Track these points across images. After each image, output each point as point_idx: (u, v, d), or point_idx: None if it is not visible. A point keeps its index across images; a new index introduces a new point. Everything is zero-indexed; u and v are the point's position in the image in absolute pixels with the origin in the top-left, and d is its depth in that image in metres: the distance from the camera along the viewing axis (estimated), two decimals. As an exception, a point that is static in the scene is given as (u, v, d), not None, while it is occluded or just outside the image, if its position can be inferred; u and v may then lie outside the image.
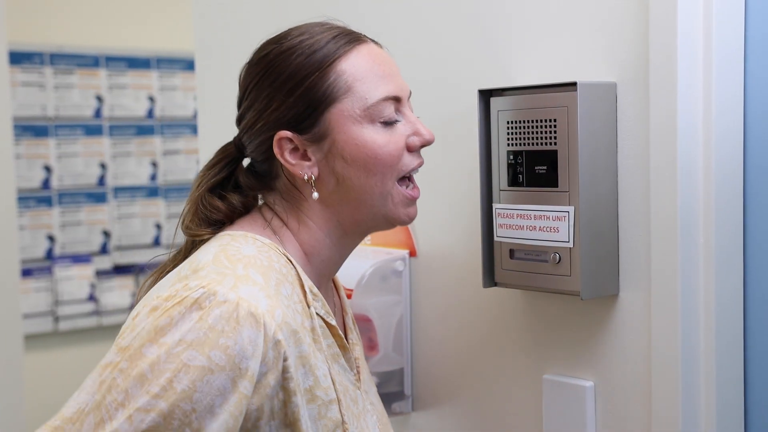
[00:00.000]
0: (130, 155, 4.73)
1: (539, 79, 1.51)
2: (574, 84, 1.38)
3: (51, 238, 4.55)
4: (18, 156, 4.40)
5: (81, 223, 4.62)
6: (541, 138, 1.43)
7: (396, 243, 1.76)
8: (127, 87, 4.72)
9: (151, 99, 4.78)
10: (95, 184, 4.65)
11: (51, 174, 4.54)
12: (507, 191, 1.49)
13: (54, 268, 4.54)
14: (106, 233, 4.67)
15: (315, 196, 1.30)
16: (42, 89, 4.52)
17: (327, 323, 1.30)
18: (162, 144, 4.82)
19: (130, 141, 4.73)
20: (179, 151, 4.87)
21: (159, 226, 4.80)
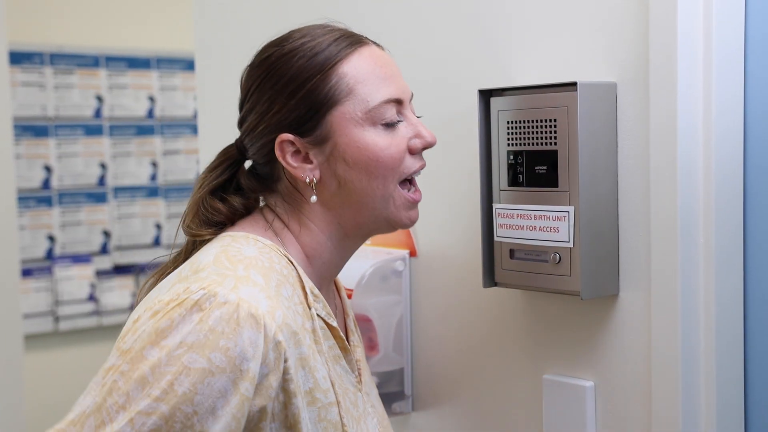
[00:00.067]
0: (130, 155, 4.73)
1: (539, 79, 1.51)
2: (574, 84, 1.38)
3: (51, 238, 4.54)
4: (18, 156, 4.40)
5: (81, 223, 4.62)
6: (541, 138, 1.43)
7: (396, 243, 1.76)
8: (127, 87, 4.71)
9: (151, 99, 4.78)
10: (95, 184, 4.65)
11: (51, 174, 4.54)
12: (507, 191, 1.49)
13: (54, 268, 4.54)
14: (106, 233, 4.67)
15: (313, 199, 1.29)
16: (42, 89, 4.52)
17: (328, 325, 1.29)
18: (162, 144, 4.82)
19: (130, 141, 4.73)
20: (179, 151, 4.86)
21: (159, 226, 4.80)
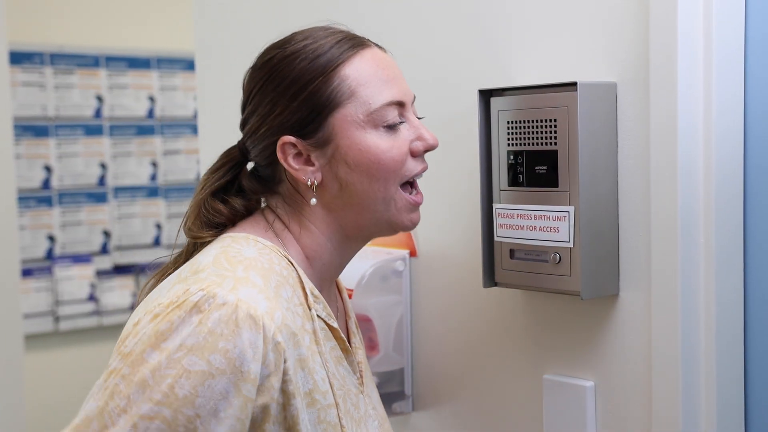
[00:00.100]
0: (130, 155, 4.73)
1: (539, 79, 1.51)
2: (574, 84, 1.38)
3: (51, 238, 4.54)
4: (18, 156, 4.40)
5: (81, 223, 4.62)
6: (542, 138, 1.43)
7: (396, 243, 1.76)
8: (128, 87, 4.71)
9: (152, 99, 4.78)
10: (95, 184, 4.65)
11: (51, 174, 4.54)
12: (507, 191, 1.49)
13: (54, 268, 4.54)
14: (106, 233, 4.67)
15: (313, 201, 1.29)
16: (42, 89, 4.52)
17: (329, 326, 1.29)
18: (162, 144, 4.82)
19: (130, 141, 4.73)
20: (179, 151, 4.86)
21: (159, 226, 4.79)
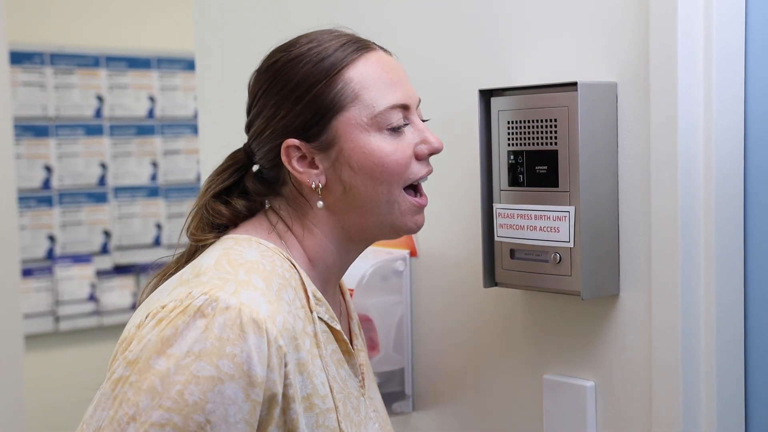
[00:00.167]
0: (130, 155, 4.73)
1: (539, 79, 1.51)
2: (574, 84, 1.38)
3: (51, 238, 4.54)
4: (18, 156, 4.40)
5: (81, 223, 4.62)
6: (542, 138, 1.43)
7: (396, 243, 1.76)
8: (128, 87, 4.71)
9: (152, 99, 4.78)
10: (96, 184, 4.65)
11: (51, 174, 4.54)
12: (507, 191, 1.49)
13: (54, 268, 4.54)
14: (106, 233, 4.67)
15: (320, 204, 1.29)
16: (42, 89, 4.51)
17: (331, 328, 1.29)
18: (162, 144, 4.82)
19: (130, 141, 4.73)
20: (180, 151, 4.86)
21: (159, 226, 4.79)
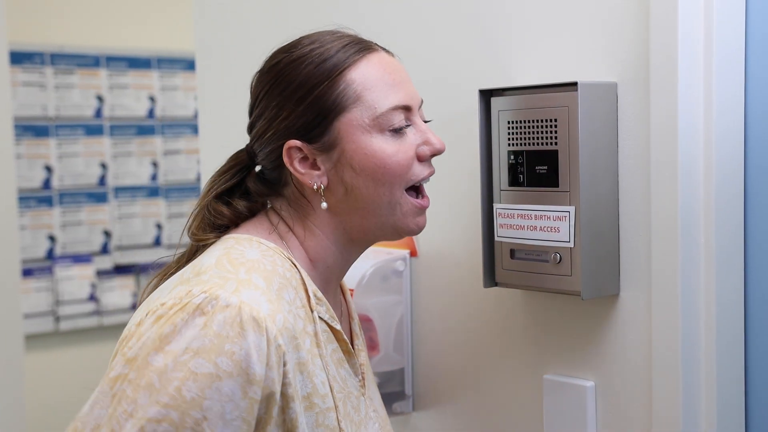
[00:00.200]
0: (130, 155, 4.73)
1: (540, 79, 1.51)
2: (574, 84, 1.38)
3: (52, 238, 4.54)
4: (19, 156, 4.40)
5: (82, 223, 4.62)
6: (542, 138, 1.43)
7: (396, 243, 1.76)
8: (128, 87, 4.71)
9: (152, 99, 4.78)
10: (96, 184, 4.65)
11: (52, 174, 4.54)
12: (507, 191, 1.49)
13: (55, 268, 4.54)
14: (106, 233, 4.67)
15: (324, 206, 1.29)
16: (43, 89, 4.52)
17: (331, 328, 1.30)
18: (163, 144, 4.82)
19: (130, 141, 4.73)
20: (180, 151, 4.86)
21: (160, 226, 4.79)
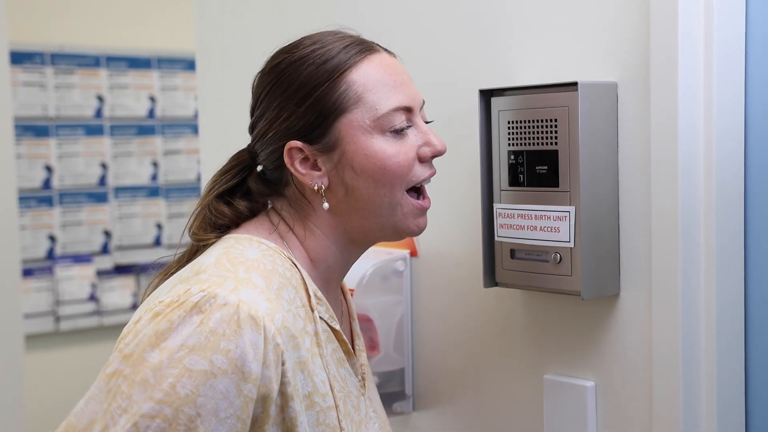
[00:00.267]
0: (131, 155, 4.73)
1: (540, 79, 1.51)
2: (574, 84, 1.38)
3: (52, 238, 4.54)
4: (19, 156, 4.40)
5: (82, 223, 4.62)
6: (542, 138, 1.43)
7: (397, 243, 1.76)
8: (128, 87, 4.71)
9: (152, 99, 4.78)
10: (96, 184, 4.65)
11: (52, 174, 4.54)
12: (508, 191, 1.49)
13: (55, 268, 4.53)
14: (107, 233, 4.67)
15: (325, 206, 1.29)
16: (43, 89, 4.51)
17: (331, 328, 1.30)
18: (163, 144, 4.82)
19: (131, 141, 4.73)
20: (180, 151, 4.86)
21: (160, 226, 4.79)
